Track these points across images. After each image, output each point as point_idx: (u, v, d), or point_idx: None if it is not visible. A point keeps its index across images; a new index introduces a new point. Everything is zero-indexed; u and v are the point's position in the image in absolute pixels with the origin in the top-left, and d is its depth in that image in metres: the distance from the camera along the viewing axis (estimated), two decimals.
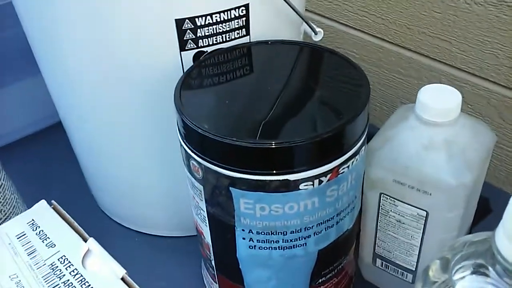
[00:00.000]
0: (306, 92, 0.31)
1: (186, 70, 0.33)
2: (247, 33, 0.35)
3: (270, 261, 0.32)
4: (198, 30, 0.33)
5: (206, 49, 0.34)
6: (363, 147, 0.31)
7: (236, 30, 0.34)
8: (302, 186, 0.28)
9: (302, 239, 0.31)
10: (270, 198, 0.28)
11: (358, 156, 0.30)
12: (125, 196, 0.45)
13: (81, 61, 0.35)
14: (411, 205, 0.33)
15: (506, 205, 0.18)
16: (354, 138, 0.29)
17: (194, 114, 0.29)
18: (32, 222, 0.30)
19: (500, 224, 0.19)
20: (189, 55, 0.34)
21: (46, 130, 0.58)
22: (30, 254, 0.28)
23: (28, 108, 0.57)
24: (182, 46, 0.33)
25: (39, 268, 0.27)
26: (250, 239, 0.31)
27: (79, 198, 0.50)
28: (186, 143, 0.30)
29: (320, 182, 0.28)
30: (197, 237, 0.36)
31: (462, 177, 0.31)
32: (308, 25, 0.38)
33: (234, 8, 0.33)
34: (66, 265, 0.27)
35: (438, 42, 0.48)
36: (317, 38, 0.39)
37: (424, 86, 0.32)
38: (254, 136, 0.28)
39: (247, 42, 0.35)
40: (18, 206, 0.39)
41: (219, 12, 0.33)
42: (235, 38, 0.35)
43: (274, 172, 0.27)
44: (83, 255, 0.28)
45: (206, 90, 0.32)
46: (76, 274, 0.27)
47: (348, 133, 0.28)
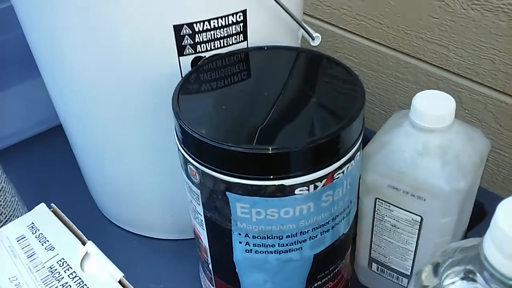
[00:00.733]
0: (302, 98, 0.32)
1: (184, 75, 0.34)
2: (245, 38, 0.35)
3: (266, 264, 0.32)
4: (196, 35, 0.33)
5: (204, 54, 0.34)
6: (358, 153, 0.31)
7: (234, 35, 0.35)
8: (297, 191, 0.28)
9: (297, 243, 0.31)
10: (266, 203, 0.29)
11: (353, 161, 0.30)
12: (123, 198, 0.45)
13: (80, 65, 0.35)
14: (406, 210, 0.33)
15: None
16: (349, 144, 0.29)
17: (192, 120, 0.29)
18: (31, 225, 0.30)
19: (487, 231, 0.19)
20: (187, 60, 0.34)
21: (47, 132, 0.58)
22: (30, 257, 0.28)
23: (28, 110, 0.57)
24: (181, 52, 0.34)
25: (38, 270, 0.28)
26: (247, 243, 0.31)
27: (79, 200, 0.50)
28: (183, 148, 0.30)
29: (315, 187, 0.29)
30: (194, 240, 0.37)
31: (456, 183, 0.31)
32: (305, 30, 0.38)
33: (232, 14, 0.34)
34: (65, 268, 0.28)
35: (435, 47, 0.48)
36: (314, 43, 0.40)
37: (418, 93, 0.32)
38: (251, 141, 0.28)
39: (245, 48, 0.36)
40: (18, 209, 0.40)
41: (217, 18, 0.33)
42: (233, 44, 0.35)
43: (270, 177, 0.28)
44: (82, 258, 0.28)
45: (203, 95, 0.32)
46: (74, 277, 0.27)
47: (343, 139, 0.29)
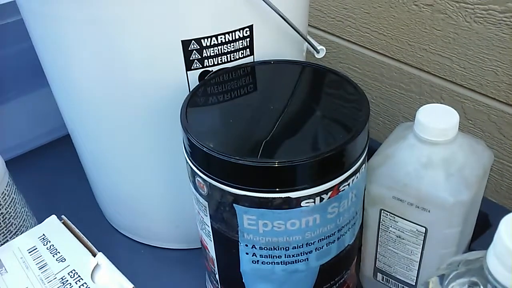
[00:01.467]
0: (307, 111, 0.32)
1: (192, 89, 0.34)
2: (251, 53, 0.36)
3: (273, 275, 0.33)
4: (204, 50, 0.34)
5: (211, 68, 0.35)
6: (364, 165, 0.32)
7: (240, 50, 0.35)
8: (303, 204, 0.29)
9: (304, 254, 0.31)
10: (273, 215, 0.29)
11: (358, 174, 0.31)
12: (131, 209, 0.46)
13: (89, 80, 0.36)
14: (411, 221, 0.34)
15: None
16: (354, 157, 0.30)
17: (200, 133, 0.30)
18: (43, 237, 0.31)
19: (491, 245, 0.19)
20: (195, 75, 0.35)
21: (55, 142, 0.59)
22: (41, 268, 0.29)
23: (37, 120, 0.58)
24: (188, 66, 0.34)
25: (50, 281, 0.28)
26: (253, 254, 0.32)
27: (86, 210, 0.51)
28: (191, 161, 0.31)
29: (321, 199, 0.29)
30: (201, 250, 0.37)
31: (459, 194, 0.31)
32: (310, 44, 0.39)
33: (239, 29, 0.34)
34: (76, 279, 0.28)
35: (439, 59, 0.49)
36: (319, 56, 0.40)
37: (422, 106, 0.32)
38: (257, 155, 0.28)
39: (251, 62, 0.36)
40: (28, 219, 0.40)
41: (224, 33, 0.34)
42: (240, 58, 0.36)
43: (276, 189, 0.28)
44: (92, 269, 0.29)
45: (211, 109, 0.33)
46: None
47: (348, 152, 0.29)
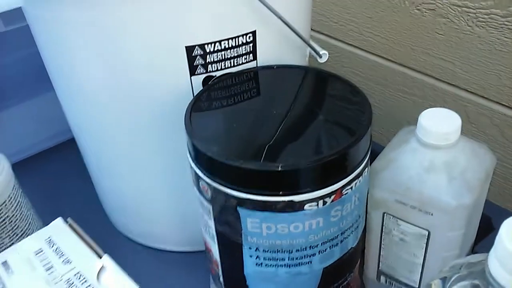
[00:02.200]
0: (310, 115, 0.33)
1: (196, 94, 0.35)
2: (254, 58, 0.36)
3: (276, 278, 0.33)
4: (208, 56, 0.34)
5: (215, 73, 0.35)
6: (367, 169, 0.32)
7: (243, 55, 0.36)
8: (307, 207, 0.29)
9: (307, 257, 0.32)
10: (276, 218, 0.30)
11: (361, 177, 0.31)
12: (135, 212, 0.46)
13: (94, 85, 0.37)
14: (413, 224, 0.34)
15: None
16: (357, 161, 0.30)
17: (204, 137, 0.30)
18: (49, 239, 0.31)
19: (492, 248, 0.20)
20: (198, 80, 0.35)
21: (61, 146, 0.59)
22: (48, 270, 0.29)
23: (42, 124, 0.58)
24: (192, 71, 0.35)
25: (56, 283, 0.28)
26: (257, 257, 0.32)
27: (92, 213, 0.51)
28: (195, 164, 0.31)
29: (324, 203, 0.29)
30: (205, 253, 0.37)
31: (462, 198, 0.32)
32: (312, 49, 0.39)
33: (242, 35, 0.35)
34: (81, 281, 0.28)
35: (442, 63, 0.49)
36: (322, 60, 0.41)
37: (425, 110, 0.33)
38: (261, 159, 0.29)
39: (254, 67, 0.37)
40: (34, 222, 0.41)
41: (228, 39, 0.34)
42: (243, 63, 0.36)
43: (280, 193, 0.29)
44: (98, 271, 0.29)
45: (215, 113, 0.33)
46: None
47: (351, 156, 0.29)
